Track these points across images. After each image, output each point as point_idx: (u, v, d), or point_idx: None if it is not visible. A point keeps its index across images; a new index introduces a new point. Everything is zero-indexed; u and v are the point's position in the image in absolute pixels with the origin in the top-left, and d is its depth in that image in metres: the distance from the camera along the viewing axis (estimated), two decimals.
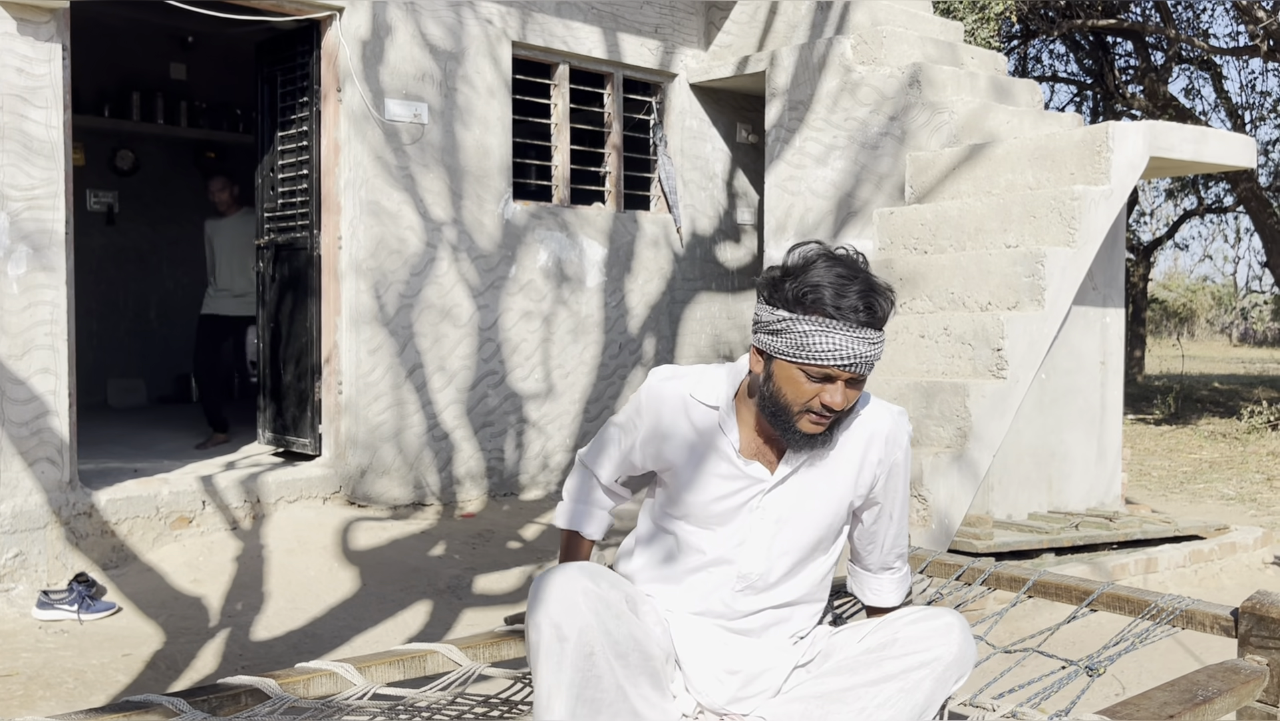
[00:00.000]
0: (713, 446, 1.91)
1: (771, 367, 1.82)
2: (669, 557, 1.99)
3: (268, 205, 6.03)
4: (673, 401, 1.95)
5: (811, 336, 1.75)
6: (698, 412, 1.93)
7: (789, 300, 1.79)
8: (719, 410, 1.92)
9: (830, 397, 1.79)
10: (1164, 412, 12.78)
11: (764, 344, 1.82)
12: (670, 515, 2.00)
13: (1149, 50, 13.71)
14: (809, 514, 1.92)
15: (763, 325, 1.83)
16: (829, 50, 6.16)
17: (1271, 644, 1.99)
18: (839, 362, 1.75)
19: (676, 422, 1.94)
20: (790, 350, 1.77)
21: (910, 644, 1.79)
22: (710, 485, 1.92)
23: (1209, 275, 38.75)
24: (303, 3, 5.40)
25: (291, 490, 5.41)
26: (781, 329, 1.78)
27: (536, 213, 6.31)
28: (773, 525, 1.92)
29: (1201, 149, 5.06)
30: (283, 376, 5.95)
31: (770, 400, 1.83)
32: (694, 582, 1.96)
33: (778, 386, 1.81)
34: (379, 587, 4.66)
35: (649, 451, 1.99)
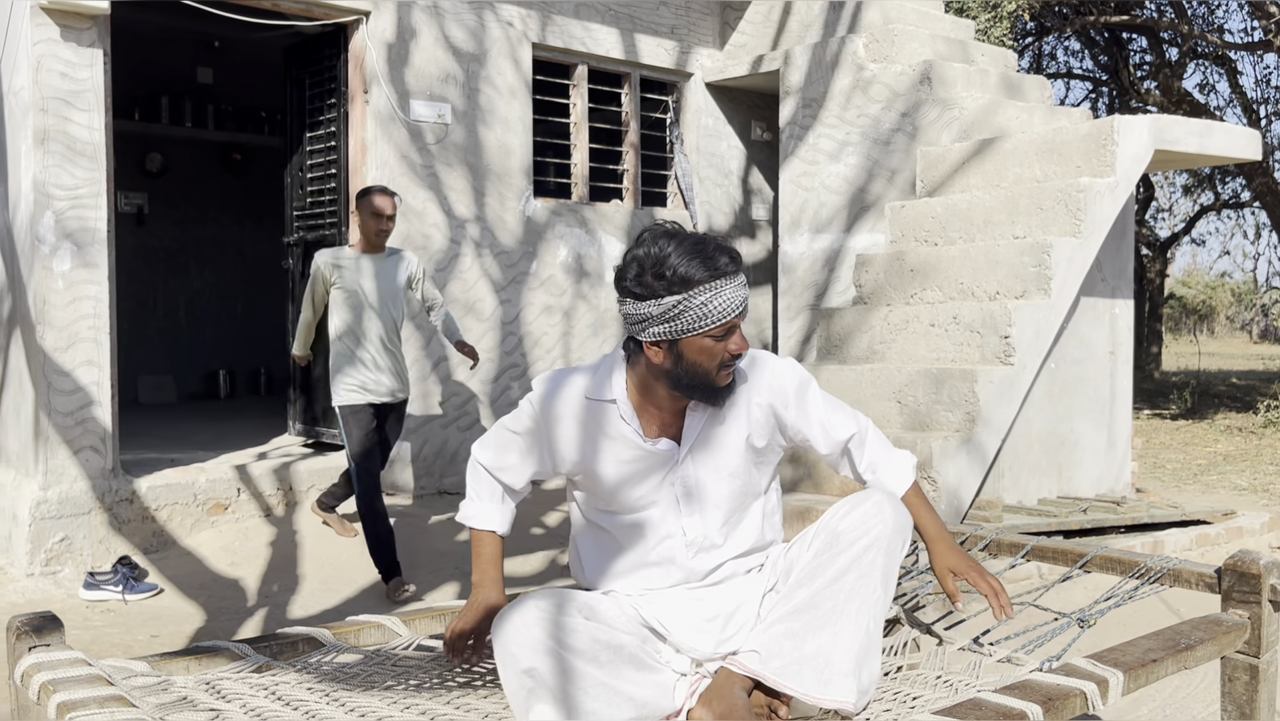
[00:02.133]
0: (620, 438, 2.02)
1: (679, 349, 1.93)
2: (616, 552, 2.10)
3: (297, 204, 6.22)
4: (569, 408, 2.04)
5: (709, 304, 1.89)
6: (596, 411, 2.03)
7: (670, 286, 1.90)
8: (616, 403, 2.03)
9: (735, 345, 1.94)
10: (1180, 407, 12.84)
11: (662, 334, 1.92)
12: (600, 511, 2.11)
13: (1163, 46, 13.78)
14: (721, 467, 2.06)
15: (653, 320, 1.91)
16: (842, 49, 6.31)
17: (1252, 598, 2.13)
18: (736, 312, 1.92)
19: (579, 428, 2.04)
20: (694, 324, 1.90)
21: (851, 532, 1.95)
22: (628, 475, 2.03)
23: (1228, 271, 38.60)
24: (330, 7, 5.59)
25: (322, 479, 5.59)
26: (677, 312, 1.89)
27: (557, 209, 6.48)
28: (694, 488, 2.06)
29: (1206, 142, 5.19)
30: (313, 370, 6.13)
31: (688, 375, 1.95)
32: (650, 565, 2.08)
33: (692, 360, 1.93)
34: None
35: (559, 459, 2.08)
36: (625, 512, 2.07)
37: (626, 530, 2.08)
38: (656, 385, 1.99)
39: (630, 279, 1.93)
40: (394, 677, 2.00)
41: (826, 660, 1.91)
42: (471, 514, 2.21)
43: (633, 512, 2.06)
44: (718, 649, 2.05)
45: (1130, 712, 3.20)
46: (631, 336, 2.00)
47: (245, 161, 9.30)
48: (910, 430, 4.70)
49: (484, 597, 2.12)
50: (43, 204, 4.63)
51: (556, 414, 2.05)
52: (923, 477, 4.38)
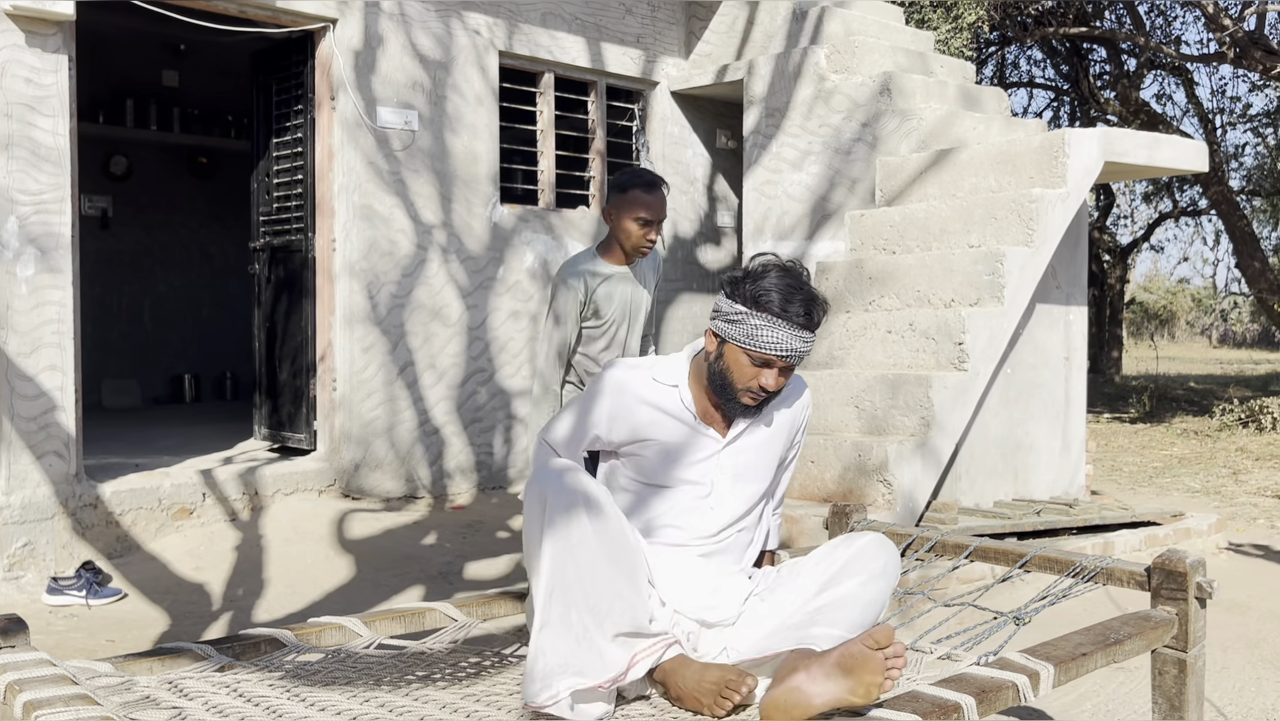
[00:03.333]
0: (675, 417, 2.26)
1: (723, 349, 2.19)
2: (641, 513, 2.27)
3: (263, 209, 6.24)
4: (635, 387, 2.27)
5: (760, 330, 2.13)
6: (658, 392, 2.27)
7: (746, 298, 2.16)
8: (678, 387, 2.27)
9: (766, 381, 2.17)
10: (1139, 411, 13.08)
11: (719, 329, 2.19)
12: (639, 481, 2.30)
13: (1122, 57, 14.04)
14: (754, 468, 2.31)
15: (721, 314, 2.20)
16: (804, 59, 6.42)
17: (1179, 595, 2.23)
18: (779, 353, 2.14)
19: (641, 404, 2.26)
20: (741, 338, 2.14)
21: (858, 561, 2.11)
22: (677, 450, 2.26)
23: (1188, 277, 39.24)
24: (297, 14, 5.62)
25: (288, 483, 5.62)
26: (737, 320, 2.15)
27: (523, 216, 6.54)
28: (730, 478, 2.28)
29: (1155, 154, 5.33)
30: (278, 375, 6.16)
31: (718, 376, 2.20)
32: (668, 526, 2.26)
33: (726, 366, 2.19)
34: (374, 574, 4.88)
35: (618, 431, 2.28)
36: (662, 482, 2.26)
37: (659, 498, 2.27)
38: (698, 380, 2.27)
39: (730, 281, 2.23)
40: (355, 674, 2.06)
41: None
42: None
43: (670, 485, 2.26)
44: (699, 612, 2.17)
45: (1075, 707, 3.31)
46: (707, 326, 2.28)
47: (211, 165, 9.29)
48: (867, 434, 4.80)
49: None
50: (6, 209, 4.63)
51: (626, 389, 2.26)
52: (879, 480, 4.49)
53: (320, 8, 5.65)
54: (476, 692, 2.08)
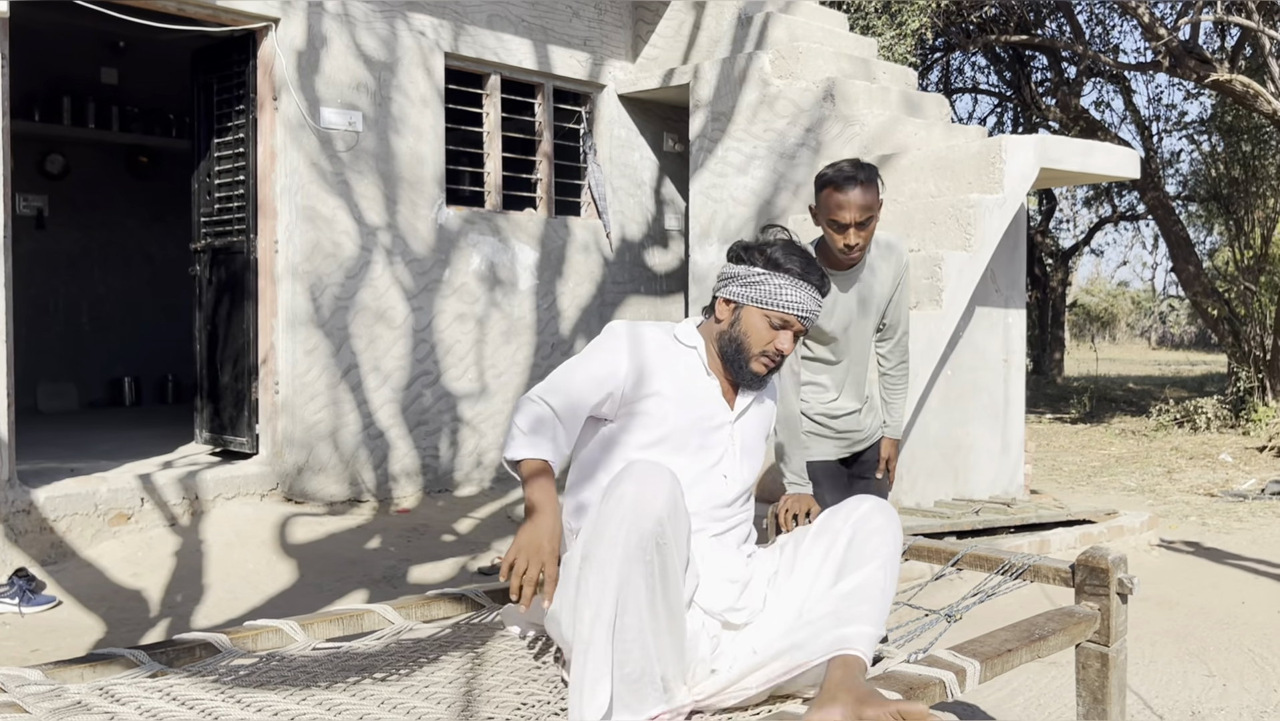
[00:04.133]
0: (695, 378, 2.21)
1: (739, 314, 2.18)
2: None
3: (204, 210, 6.16)
4: (654, 342, 2.20)
5: (784, 289, 2.14)
6: (678, 351, 2.22)
7: (766, 260, 2.17)
8: (698, 350, 2.25)
9: (783, 344, 2.18)
10: (1079, 412, 13.36)
11: (735, 294, 2.18)
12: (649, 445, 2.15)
13: (1062, 65, 14.33)
14: (756, 439, 2.31)
15: (738, 278, 2.18)
16: (749, 65, 6.48)
17: (1101, 591, 2.30)
18: (800, 313, 2.17)
19: (660, 358, 2.19)
20: (763, 298, 2.15)
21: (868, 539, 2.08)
22: (694, 408, 2.18)
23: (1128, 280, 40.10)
24: (239, 14, 5.56)
25: (229, 487, 5.55)
26: (757, 281, 2.16)
27: (470, 218, 6.52)
28: (740, 450, 2.24)
29: (1088, 161, 5.46)
30: (220, 377, 6.09)
31: (733, 343, 2.19)
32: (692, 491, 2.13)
33: (743, 330, 2.18)
34: (316, 578, 4.84)
35: (637, 385, 2.15)
36: (671, 448, 2.16)
37: (678, 464, 2.13)
38: (712, 348, 2.23)
39: (741, 248, 2.22)
40: (292, 674, 2.05)
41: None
42: (521, 445, 2.12)
43: (677, 452, 2.16)
44: (725, 614, 2.11)
45: (1008, 702, 3.38)
46: (713, 298, 2.25)
47: (152, 164, 9.13)
48: None
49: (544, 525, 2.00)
50: None
51: (644, 340, 2.19)
52: None
53: (262, 7, 5.60)
54: (417, 686, 2.09)
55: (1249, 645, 4.03)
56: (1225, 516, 6.81)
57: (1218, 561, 5.55)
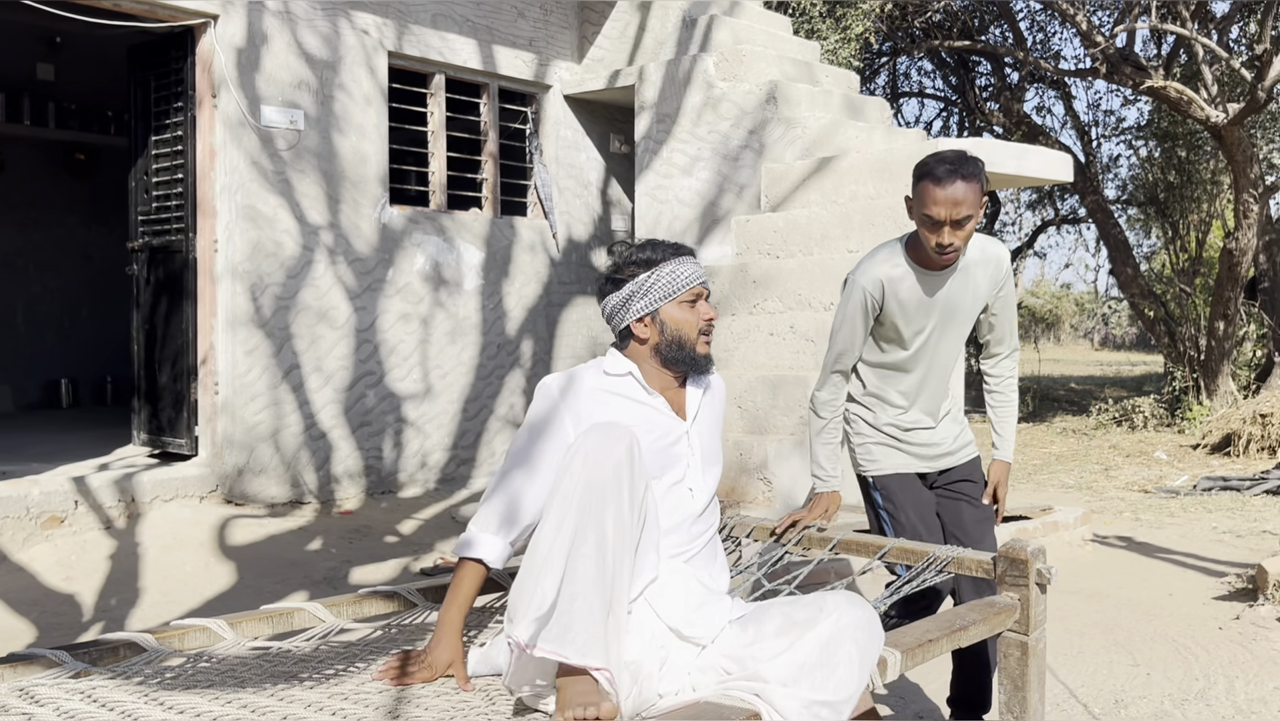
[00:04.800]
0: (642, 403, 2.23)
1: (661, 318, 2.22)
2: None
3: (142, 208, 6.07)
4: (589, 384, 2.20)
5: (676, 272, 2.22)
6: (614, 383, 2.23)
7: (641, 265, 2.23)
8: (632, 374, 2.24)
9: (707, 313, 2.25)
10: (1023, 412, 13.60)
11: (644, 308, 2.22)
12: None
13: (1005, 70, 14.59)
14: (714, 452, 2.32)
15: (635, 296, 2.22)
16: (693, 67, 6.52)
17: (1021, 581, 2.36)
18: (701, 279, 2.25)
19: (600, 398, 2.19)
20: (669, 290, 2.21)
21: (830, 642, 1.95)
22: (649, 432, 2.18)
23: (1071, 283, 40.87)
24: (176, 9, 5.49)
25: (167, 489, 5.48)
26: (651, 284, 2.21)
27: (414, 217, 6.49)
28: (700, 460, 2.26)
29: (1023, 164, 5.58)
30: (158, 378, 6.00)
31: (674, 344, 2.23)
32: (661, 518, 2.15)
33: (675, 328, 2.22)
34: (255, 581, 4.79)
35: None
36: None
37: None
38: (646, 365, 2.24)
39: (608, 279, 2.25)
40: (218, 676, 2.04)
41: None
42: (468, 540, 2.14)
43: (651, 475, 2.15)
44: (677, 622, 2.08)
45: (937, 697, 3.45)
46: (620, 331, 2.26)
47: (89, 162, 8.97)
48: (750, 434, 4.91)
49: (439, 658, 2.09)
50: None
51: (581, 388, 2.19)
52: (759, 479, 4.59)
53: (201, 3, 5.53)
54: (345, 691, 2.08)
55: (1173, 635, 4.15)
56: (1158, 512, 6.97)
57: (1148, 555, 5.69)
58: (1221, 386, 11.86)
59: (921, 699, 3.47)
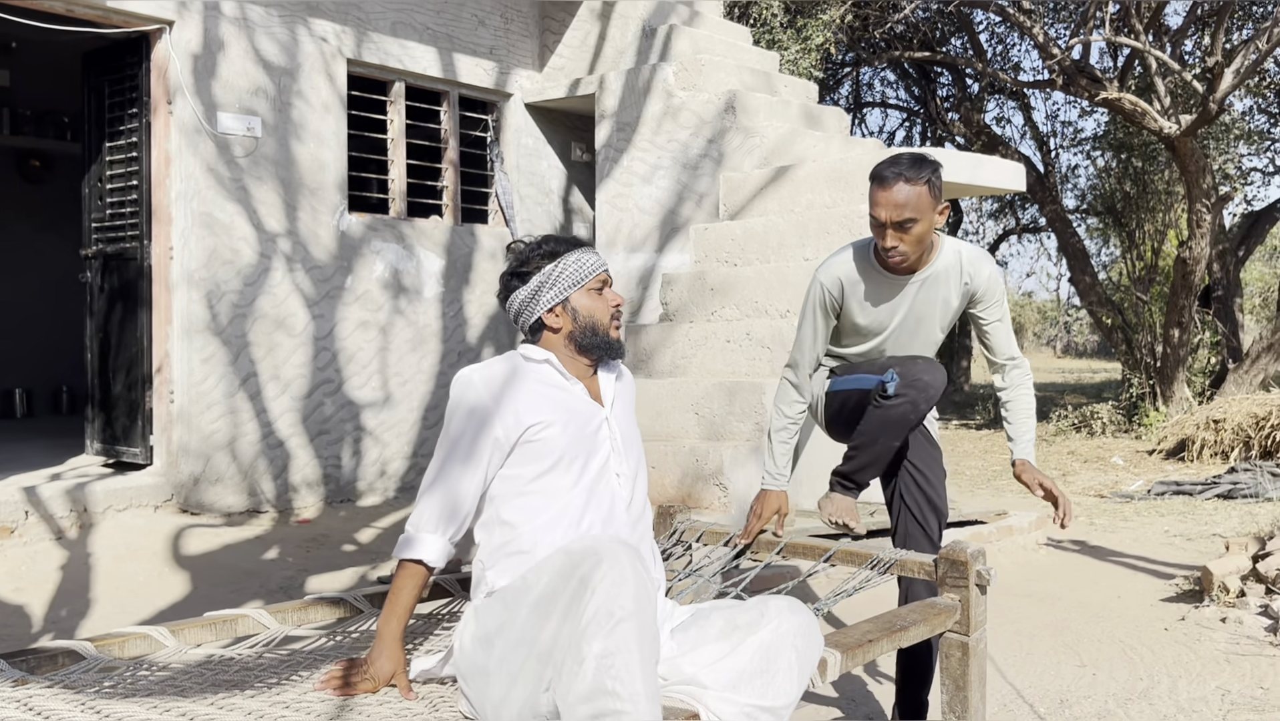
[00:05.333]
0: (563, 388, 2.23)
1: (573, 306, 2.24)
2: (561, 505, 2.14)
3: (95, 215, 6.02)
4: (508, 374, 2.18)
5: (580, 261, 2.25)
6: (533, 370, 2.22)
7: (545, 258, 2.24)
8: (550, 361, 2.24)
9: (615, 299, 2.28)
10: (984, 419, 13.74)
11: (554, 298, 2.23)
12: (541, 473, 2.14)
13: (965, 81, 14.78)
14: (629, 423, 2.33)
15: (543, 288, 2.23)
16: (653, 76, 6.56)
17: (961, 583, 2.40)
18: (604, 267, 2.30)
19: (522, 387, 2.17)
20: (576, 278, 2.23)
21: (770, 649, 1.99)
22: (573, 420, 2.18)
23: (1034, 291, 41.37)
24: (130, 15, 5.45)
25: (121, 499, 5.42)
26: (559, 273, 2.22)
27: (373, 225, 6.48)
28: (621, 441, 2.25)
29: (977, 173, 5.66)
30: (112, 387, 5.94)
31: (588, 330, 2.24)
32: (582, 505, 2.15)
33: (587, 314, 2.24)
34: (210, 590, 4.75)
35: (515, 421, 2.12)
36: (571, 463, 2.16)
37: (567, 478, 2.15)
38: (560, 354, 2.25)
39: (513, 275, 2.25)
40: (157, 684, 2.03)
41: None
42: (408, 541, 2.13)
43: (577, 460, 2.16)
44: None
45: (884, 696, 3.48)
46: (530, 325, 2.26)
47: (45, 169, 8.87)
48: (706, 440, 4.94)
49: (381, 669, 2.09)
50: None
51: (499, 377, 2.18)
52: (715, 485, 4.62)
53: (155, 9, 5.50)
54: (287, 700, 2.08)
55: (1120, 636, 4.22)
56: (1112, 516, 7.07)
57: (1100, 559, 5.77)
58: (1177, 393, 12.04)
59: (871, 701, 3.51)
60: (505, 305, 2.29)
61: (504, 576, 2.11)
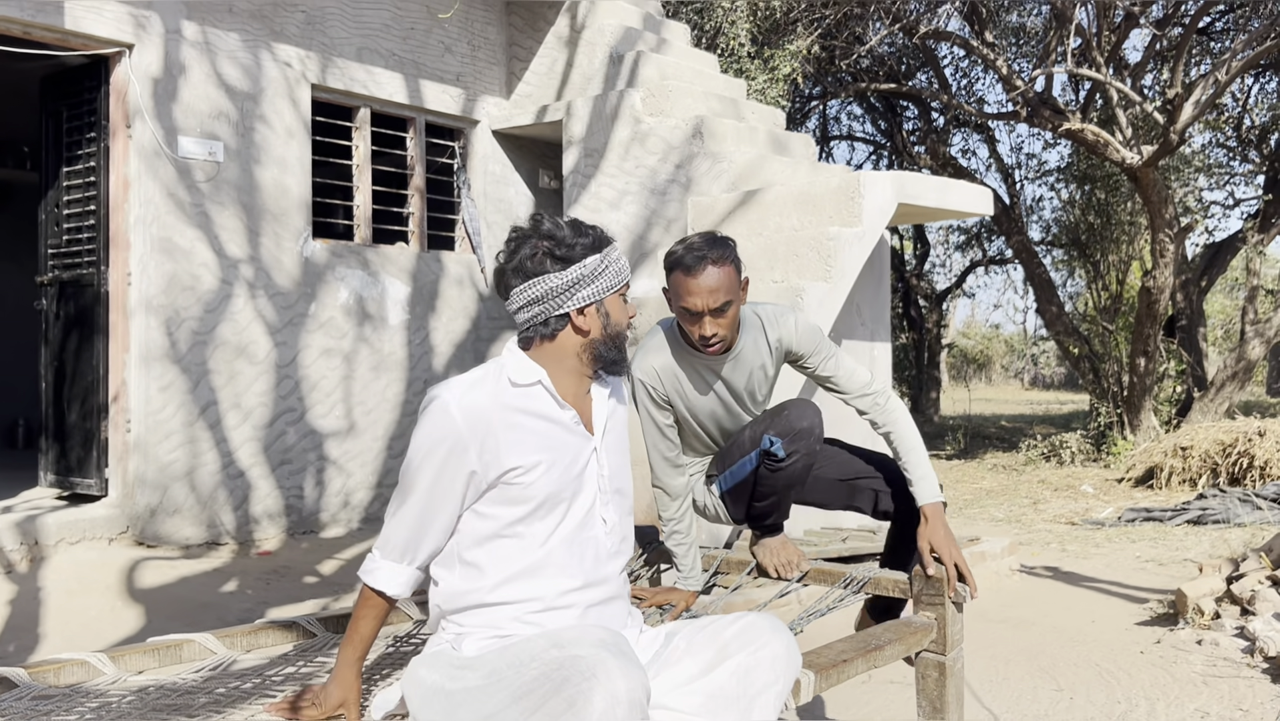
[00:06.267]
0: (552, 419, 1.95)
1: (606, 309, 1.96)
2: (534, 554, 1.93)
3: (52, 241, 5.89)
4: (491, 403, 1.90)
5: (622, 262, 1.99)
6: (521, 398, 1.94)
7: (591, 247, 1.94)
8: (541, 383, 1.95)
9: (632, 310, 2.04)
10: (955, 448, 13.76)
11: (591, 295, 1.94)
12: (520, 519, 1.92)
13: (932, 114, 14.94)
14: (620, 463, 2.09)
15: (582, 282, 1.93)
16: (621, 102, 6.55)
17: (937, 601, 2.33)
18: (630, 276, 2.04)
19: (507, 420, 1.90)
20: (617, 279, 1.97)
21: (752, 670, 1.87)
22: (560, 460, 1.93)
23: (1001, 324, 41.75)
24: (89, 38, 5.37)
25: (74, 531, 5.26)
26: (602, 268, 1.94)
27: (337, 251, 6.39)
28: (609, 480, 2.01)
29: (944, 197, 5.67)
30: (67, 417, 5.79)
31: (615, 339, 1.98)
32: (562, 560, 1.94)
33: (615, 320, 1.98)
34: (164, 624, 4.59)
35: (495, 461, 1.88)
36: (552, 506, 1.93)
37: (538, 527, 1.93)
38: (565, 364, 1.97)
39: (532, 258, 1.91)
40: (91, 712, 1.92)
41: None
42: (371, 568, 1.97)
43: (551, 508, 1.93)
44: None
45: (856, 710, 3.40)
46: (544, 320, 1.94)
47: (4, 198, 8.72)
48: None
49: (331, 696, 1.96)
50: None
51: (482, 409, 1.89)
52: None
53: (115, 32, 5.42)
54: None
55: (1096, 660, 4.16)
56: (1083, 543, 7.05)
57: (1073, 584, 5.74)
58: (1144, 421, 12.12)
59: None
60: (519, 289, 1.95)
61: (472, 640, 1.93)
